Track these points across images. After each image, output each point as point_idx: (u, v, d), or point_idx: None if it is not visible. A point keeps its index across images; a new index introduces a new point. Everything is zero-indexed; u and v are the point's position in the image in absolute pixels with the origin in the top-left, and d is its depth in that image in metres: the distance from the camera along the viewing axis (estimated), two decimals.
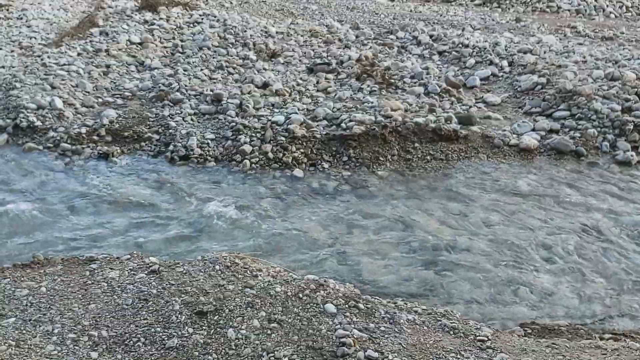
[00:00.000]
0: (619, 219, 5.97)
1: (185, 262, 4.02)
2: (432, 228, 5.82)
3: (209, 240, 5.27)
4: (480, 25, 14.09)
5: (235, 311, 3.46)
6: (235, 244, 5.24)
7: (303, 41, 11.75)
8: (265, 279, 3.79)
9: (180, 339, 3.25)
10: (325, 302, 3.55)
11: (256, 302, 3.54)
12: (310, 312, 3.48)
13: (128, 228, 5.50)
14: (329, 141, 7.36)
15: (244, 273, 3.84)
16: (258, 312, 3.45)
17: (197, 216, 5.77)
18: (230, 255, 4.06)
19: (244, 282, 3.73)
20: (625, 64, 10.07)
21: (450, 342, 3.28)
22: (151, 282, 3.74)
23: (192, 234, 5.40)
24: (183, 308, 3.50)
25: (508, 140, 7.61)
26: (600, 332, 4.15)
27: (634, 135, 7.59)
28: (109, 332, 3.32)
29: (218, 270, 3.85)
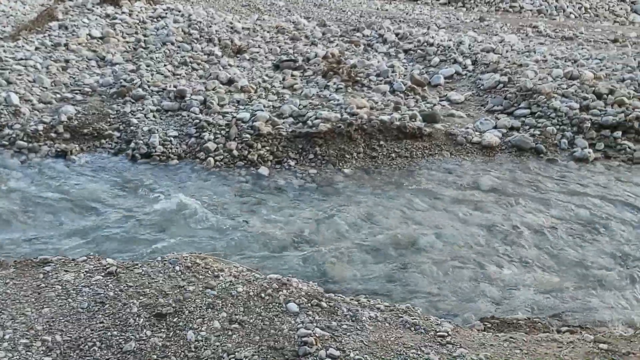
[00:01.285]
0: (577, 214, 6.14)
1: (145, 263, 3.92)
2: (396, 225, 5.86)
3: (171, 240, 5.17)
4: (445, 24, 14.28)
5: (195, 312, 3.40)
6: (198, 243, 5.16)
7: (269, 37, 11.68)
8: (227, 279, 3.73)
9: (138, 342, 3.17)
10: (288, 302, 3.52)
11: (217, 303, 3.49)
12: (272, 311, 3.44)
13: (86, 229, 5.34)
14: (295, 139, 7.33)
15: (205, 273, 3.78)
16: (219, 313, 3.40)
17: (158, 215, 5.65)
18: (191, 256, 3.99)
19: (204, 283, 3.67)
20: (583, 63, 10.38)
21: (411, 338, 3.30)
22: (108, 284, 3.64)
23: (152, 234, 5.28)
24: (141, 310, 3.41)
25: (471, 138, 7.74)
26: (558, 325, 4.26)
27: (591, 132, 7.82)
28: (63, 337, 3.20)
29: (178, 271, 3.78)
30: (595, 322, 4.48)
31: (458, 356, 3.12)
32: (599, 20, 17.37)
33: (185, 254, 4.05)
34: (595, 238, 5.71)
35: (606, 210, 6.21)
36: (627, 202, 6.40)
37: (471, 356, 3.12)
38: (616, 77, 9.55)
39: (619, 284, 4.97)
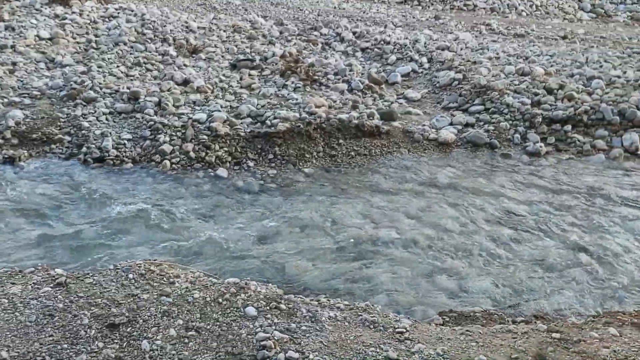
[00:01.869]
0: (530, 207, 6.32)
1: (96, 272, 3.79)
2: (356, 223, 5.89)
3: (125, 247, 5.02)
4: (402, 23, 14.44)
5: (150, 321, 3.31)
6: (154, 250, 5.03)
7: (226, 37, 11.53)
8: (183, 285, 3.65)
9: (89, 354, 3.06)
10: (246, 306, 3.47)
11: (173, 310, 3.40)
12: (230, 316, 3.39)
13: (35, 238, 5.12)
14: (253, 139, 7.26)
15: (160, 280, 3.68)
16: (175, 320, 3.32)
17: (112, 222, 5.48)
18: (146, 263, 3.88)
19: (159, 290, 3.58)
20: (534, 60, 10.69)
21: (371, 336, 3.31)
22: (57, 295, 3.50)
23: (105, 241, 5.11)
24: (93, 322, 3.30)
25: (427, 135, 7.85)
26: (513, 316, 4.37)
27: (542, 127, 8.07)
28: (9, 353, 3.06)
29: (132, 279, 3.67)
30: (549, 311, 4.62)
31: (416, 352, 3.15)
32: (549, 18, 17.94)
33: (139, 261, 3.94)
34: (549, 229, 5.88)
35: (558, 202, 6.42)
36: (577, 194, 6.63)
37: (429, 351, 3.15)
38: (566, 73, 9.89)
39: (571, 274, 5.13)
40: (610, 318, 3.89)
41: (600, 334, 3.52)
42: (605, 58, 11.08)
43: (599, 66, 10.40)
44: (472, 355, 3.15)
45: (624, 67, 10.47)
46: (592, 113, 8.14)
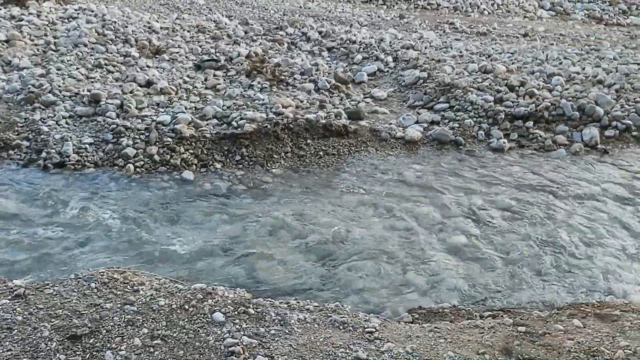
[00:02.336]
0: (495, 202, 6.43)
1: (56, 283, 3.66)
2: (326, 223, 5.87)
3: (87, 255, 4.87)
4: (367, 22, 14.52)
5: (113, 331, 3.21)
6: (118, 257, 4.90)
7: (190, 37, 11.35)
8: (148, 292, 3.56)
9: None
10: (213, 311, 3.41)
11: (137, 319, 3.31)
12: (197, 323, 3.32)
13: None
14: (220, 140, 7.16)
15: (124, 289, 3.58)
16: (139, 329, 3.23)
17: (73, 229, 5.32)
18: (108, 271, 3.77)
19: (123, 299, 3.48)
20: (497, 58, 10.90)
21: (340, 337, 3.30)
22: (16, 308, 3.36)
23: (66, 249, 4.95)
24: (53, 334, 3.18)
25: (394, 133, 7.91)
26: (481, 311, 4.43)
27: (505, 123, 8.23)
28: None
29: (94, 289, 3.55)
30: (516, 305, 4.70)
31: (385, 351, 3.15)
32: (511, 16, 18.33)
33: (102, 269, 3.82)
34: (514, 224, 6.00)
35: (522, 197, 6.55)
36: (540, 188, 6.78)
37: (398, 350, 3.16)
38: (527, 70, 10.12)
39: (536, 267, 5.24)
40: (574, 310, 3.99)
41: (564, 326, 3.60)
42: (564, 55, 11.39)
43: (559, 63, 10.69)
44: (441, 352, 3.17)
45: (582, 63, 10.79)
46: (553, 109, 8.35)
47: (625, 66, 10.59)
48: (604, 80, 9.55)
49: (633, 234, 5.79)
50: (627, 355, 3.24)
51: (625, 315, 3.80)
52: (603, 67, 10.41)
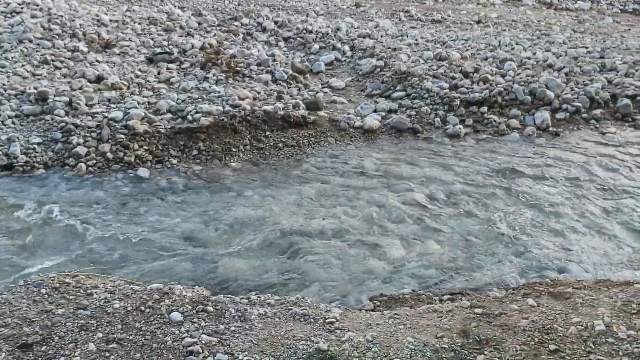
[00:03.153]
0: (453, 187, 6.53)
1: (5, 290, 3.50)
2: (287, 215, 5.84)
3: (38, 259, 4.68)
4: (323, 11, 14.47)
5: (66, 337, 3.10)
6: (71, 260, 4.73)
7: (141, 29, 11.02)
8: (102, 296, 3.45)
9: None
10: (171, 311, 3.33)
11: (91, 323, 3.21)
12: (154, 324, 3.24)
13: None
14: (175, 135, 7.00)
15: (76, 293, 3.46)
16: (94, 334, 3.13)
17: (23, 233, 5.10)
18: (60, 275, 3.63)
19: (76, 304, 3.36)
20: (451, 45, 11.06)
21: (301, 329, 3.29)
22: None
23: (16, 255, 4.74)
24: (3, 343, 3.04)
25: (353, 123, 7.92)
26: (440, 295, 4.50)
27: (460, 110, 8.36)
28: None
29: (45, 295, 3.42)
30: (474, 287, 4.80)
31: (346, 340, 3.16)
32: (464, 3, 18.62)
33: (53, 273, 3.68)
34: (472, 207, 6.11)
35: (479, 181, 6.69)
36: (496, 172, 6.93)
37: (358, 338, 3.17)
38: (480, 56, 10.31)
39: (494, 249, 5.36)
40: (529, 289, 4.10)
41: (519, 305, 3.69)
42: (516, 41, 11.67)
43: (511, 49, 10.94)
44: (400, 338, 3.20)
45: (533, 48, 11.08)
46: (506, 94, 8.54)
47: (574, 50, 10.94)
48: (554, 64, 9.83)
49: (584, 213, 5.99)
50: (579, 330, 3.35)
51: (577, 292, 3.93)
52: (553, 52, 10.72)
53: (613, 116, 8.58)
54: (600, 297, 3.81)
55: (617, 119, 8.55)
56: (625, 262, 5.13)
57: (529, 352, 3.13)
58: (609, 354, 3.15)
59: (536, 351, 3.15)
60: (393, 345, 3.14)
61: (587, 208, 6.10)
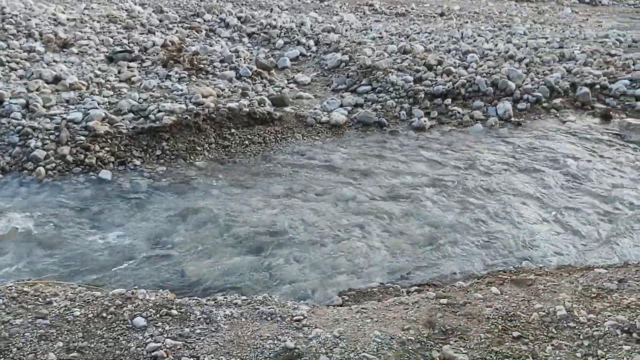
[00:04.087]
0: (419, 179, 6.60)
1: None
2: (255, 213, 5.79)
3: None
4: (287, 6, 14.38)
5: (25, 348, 3.00)
6: (31, 268, 4.58)
7: (100, 28, 10.75)
8: (62, 304, 3.35)
9: None
10: (134, 317, 3.26)
11: (51, 332, 3.11)
12: (116, 330, 3.16)
13: None
14: (137, 135, 6.86)
15: (35, 302, 3.35)
16: (54, 343, 3.03)
17: None
18: (17, 284, 3.51)
19: (34, 313, 3.25)
20: (415, 38, 11.15)
21: (268, 328, 3.26)
22: None
23: None
24: None
25: (320, 118, 7.91)
26: (407, 287, 4.54)
27: (425, 102, 8.45)
28: None
29: (1, 305, 3.29)
30: (441, 277, 4.86)
31: (314, 337, 3.15)
32: None
33: (10, 283, 3.55)
34: (438, 199, 6.18)
35: (444, 172, 6.77)
36: (460, 163, 7.03)
37: (326, 335, 3.17)
38: (443, 49, 10.42)
39: (460, 238, 5.43)
40: (493, 278, 4.17)
41: (483, 294, 3.75)
42: (478, 33, 11.85)
43: (473, 41, 11.10)
44: (367, 332, 3.21)
45: (495, 40, 11.27)
46: (469, 86, 8.66)
47: (534, 41, 11.17)
48: (515, 55, 10.02)
49: (546, 201, 6.13)
50: (541, 316, 3.42)
51: (539, 279, 4.01)
52: (514, 43, 10.93)
53: (573, 105, 8.80)
54: (562, 283, 3.90)
55: (577, 108, 8.78)
56: (586, 247, 5.28)
57: (493, 340, 3.18)
58: (571, 338, 3.23)
59: (500, 338, 3.20)
60: (360, 339, 3.15)
61: (549, 195, 6.25)
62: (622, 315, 3.40)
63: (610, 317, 3.38)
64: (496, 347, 3.11)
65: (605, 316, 3.40)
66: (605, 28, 14.35)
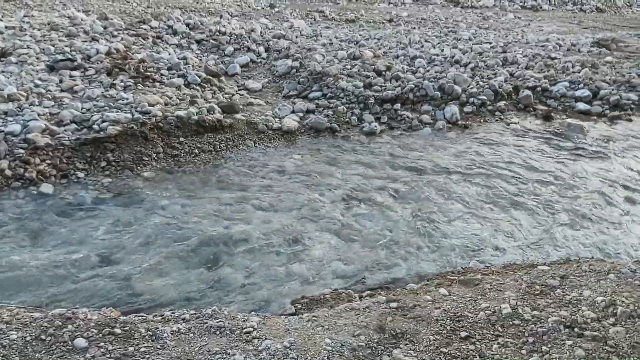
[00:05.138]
0: (371, 183, 6.66)
1: None
2: (207, 223, 5.68)
3: None
4: (238, 12, 14.28)
5: None
6: None
7: (41, 36, 10.32)
8: None
9: None
10: (74, 337, 3.11)
11: None
12: (56, 353, 3.01)
13: None
14: (81, 147, 6.61)
15: None
16: None
17: None
18: None
19: None
20: (364, 44, 11.28)
21: (217, 342, 3.19)
22: None
23: None
24: None
25: (271, 125, 7.87)
26: (360, 291, 4.55)
27: (375, 107, 8.55)
28: None
29: None
30: (393, 281, 4.90)
31: (264, 349, 3.11)
32: (377, 2, 19.10)
33: None
34: (389, 202, 6.25)
35: (394, 176, 6.86)
36: (410, 167, 7.15)
37: (276, 346, 3.13)
38: (392, 54, 10.59)
39: (412, 241, 5.51)
40: (442, 279, 4.25)
41: (432, 296, 3.81)
42: (425, 38, 12.12)
43: (421, 46, 11.34)
44: (318, 340, 3.19)
45: (441, 45, 11.55)
46: (417, 90, 8.84)
47: (479, 46, 11.52)
48: (461, 60, 10.30)
49: (493, 201, 6.31)
50: (487, 315, 3.50)
51: (485, 278, 4.12)
52: (460, 48, 11.23)
53: (516, 107, 9.13)
54: (507, 281, 4.01)
55: (520, 110, 9.11)
56: (531, 245, 5.46)
57: (441, 341, 3.23)
58: (516, 335, 3.32)
59: (448, 339, 3.25)
60: (311, 348, 3.12)
61: (496, 195, 6.43)
62: (564, 311, 3.52)
63: (554, 313, 3.49)
64: (444, 349, 3.16)
65: (549, 312, 3.52)
66: (546, 32, 14.99)
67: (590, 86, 9.60)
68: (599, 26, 17.41)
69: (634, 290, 3.73)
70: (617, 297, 3.61)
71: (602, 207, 6.22)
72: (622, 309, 3.47)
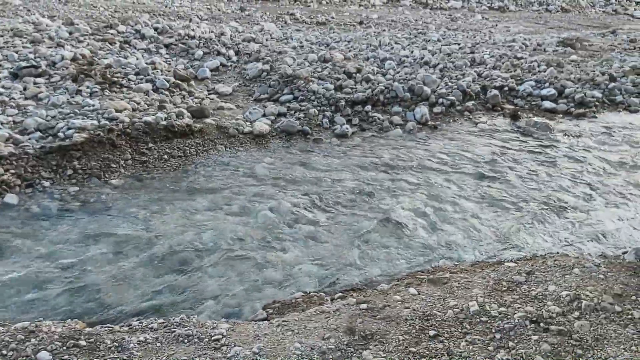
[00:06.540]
0: (344, 185, 6.68)
1: None
2: (177, 230, 5.61)
3: None
4: (207, 16, 14.17)
5: None
6: None
7: (3, 42, 10.06)
8: None
9: None
10: (38, 351, 3.04)
11: None
12: None
13: None
14: (46, 155, 6.46)
15: None
16: None
17: None
18: None
19: None
20: (334, 46, 11.32)
21: (185, 351, 3.15)
22: None
23: None
24: None
25: (242, 129, 7.82)
26: (332, 294, 4.55)
27: (346, 110, 8.58)
28: None
29: None
30: (365, 282, 4.92)
31: (232, 356, 3.08)
32: (347, 5, 19.21)
33: None
34: (362, 203, 6.28)
35: (365, 177, 6.90)
36: (382, 167, 7.20)
37: (245, 352, 3.10)
38: (362, 56, 10.65)
39: (383, 241, 5.54)
40: (411, 279, 4.28)
41: (402, 296, 3.83)
42: (395, 40, 12.22)
43: (391, 48, 11.43)
44: (288, 345, 3.18)
45: (411, 47, 11.66)
46: (387, 92, 8.91)
47: (448, 47, 11.68)
48: (430, 61, 10.42)
49: (462, 199, 6.40)
50: (455, 313, 3.54)
51: (454, 277, 4.17)
52: (429, 49, 11.37)
53: (484, 107, 9.28)
54: (475, 279, 4.06)
55: (488, 109, 9.26)
56: (498, 242, 5.55)
57: (410, 341, 3.25)
58: (483, 332, 3.36)
59: (417, 339, 3.28)
60: (280, 354, 3.11)
61: (465, 194, 6.52)
62: (530, 307, 3.59)
63: (520, 309, 3.55)
64: (413, 348, 3.18)
65: (515, 308, 3.58)
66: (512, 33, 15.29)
67: (555, 85, 9.82)
68: (564, 26, 17.86)
69: (597, 284, 3.82)
70: (581, 292, 3.70)
71: (568, 202, 6.36)
72: (587, 303, 3.55)
